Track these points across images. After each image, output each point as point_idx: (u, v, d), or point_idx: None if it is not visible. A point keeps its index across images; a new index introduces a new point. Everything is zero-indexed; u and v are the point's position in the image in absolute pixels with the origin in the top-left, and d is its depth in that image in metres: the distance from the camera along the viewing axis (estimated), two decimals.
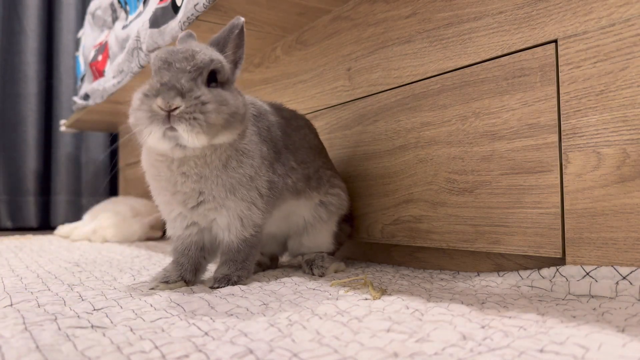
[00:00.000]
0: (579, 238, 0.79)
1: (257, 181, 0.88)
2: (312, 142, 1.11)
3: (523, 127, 0.86)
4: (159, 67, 0.78)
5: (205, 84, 0.79)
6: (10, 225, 2.90)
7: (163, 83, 0.74)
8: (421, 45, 1.05)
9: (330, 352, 0.50)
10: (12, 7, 2.92)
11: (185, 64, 0.77)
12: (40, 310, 0.71)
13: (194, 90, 0.75)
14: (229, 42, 0.88)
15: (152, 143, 0.77)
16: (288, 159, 0.99)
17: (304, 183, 1.03)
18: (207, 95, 0.76)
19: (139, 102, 0.76)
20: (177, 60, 0.77)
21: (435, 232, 1.02)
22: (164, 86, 0.74)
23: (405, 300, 0.73)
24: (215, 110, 0.76)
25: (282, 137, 0.99)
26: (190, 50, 0.79)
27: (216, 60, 0.80)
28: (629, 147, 0.73)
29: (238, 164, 0.86)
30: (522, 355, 0.48)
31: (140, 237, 2.09)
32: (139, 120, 0.76)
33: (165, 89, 0.74)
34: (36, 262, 1.30)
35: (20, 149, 2.92)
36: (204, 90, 0.77)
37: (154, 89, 0.75)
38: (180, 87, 0.74)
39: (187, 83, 0.75)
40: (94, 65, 2.18)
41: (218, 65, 0.81)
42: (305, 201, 1.05)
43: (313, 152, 1.08)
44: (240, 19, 0.89)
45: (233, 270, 0.91)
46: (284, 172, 0.96)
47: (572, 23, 0.79)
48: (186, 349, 0.51)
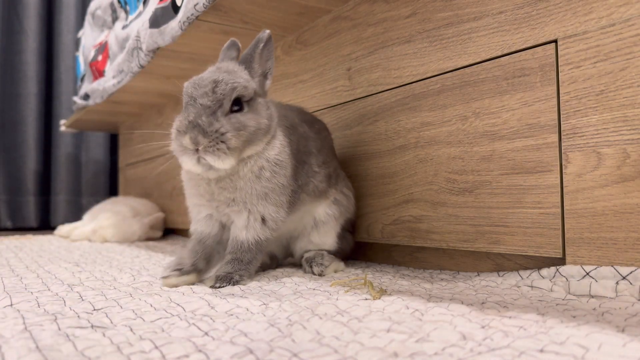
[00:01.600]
0: (579, 238, 0.79)
1: (287, 188, 0.96)
2: (330, 143, 1.18)
3: (523, 127, 0.86)
4: (187, 103, 0.88)
5: (226, 112, 0.87)
6: (10, 225, 2.90)
7: (189, 121, 0.84)
8: (421, 45, 1.05)
9: (330, 352, 0.50)
10: (12, 7, 2.92)
11: (207, 100, 0.86)
12: (40, 310, 0.71)
13: (213, 124, 0.84)
14: (255, 56, 0.95)
15: (188, 168, 0.89)
16: (311, 164, 1.05)
17: (326, 183, 1.09)
18: (226, 126, 0.85)
19: (174, 135, 0.88)
20: (199, 96, 0.86)
21: (436, 232, 1.02)
22: (190, 124, 0.84)
23: (405, 300, 0.73)
24: (234, 136, 0.85)
25: (307, 145, 1.06)
26: (213, 83, 0.87)
27: (238, 87, 0.88)
28: (629, 147, 0.73)
29: (272, 175, 0.93)
30: (522, 355, 0.48)
31: (140, 237, 2.09)
32: (175, 151, 0.88)
33: (190, 127, 0.84)
34: (36, 262, 1.30)
35: (20, 149, 2.92)
36: (223, 122, 0.85)
37: (183, 126, 0.85)
38: (202, 124, 0.84)
39: (207, 119, 0.84)
40: (93, 65, 2.18)
41: (240, 91, 0.88)
42: (323, 200, 1.10)
43: (331, 153, 1.16)
44: (266, 32, 0.96)
45: (237, 269, 0.93)
46: (305, 180, 1.03)
47: (572, 23, 0.79)
48: (186, 349, 0.51)
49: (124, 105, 2.34)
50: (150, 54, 1.59)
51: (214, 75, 0.88)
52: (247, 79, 0.91)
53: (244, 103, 0.89)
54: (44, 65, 3.01)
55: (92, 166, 3.12)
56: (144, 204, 2.27)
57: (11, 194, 2.91)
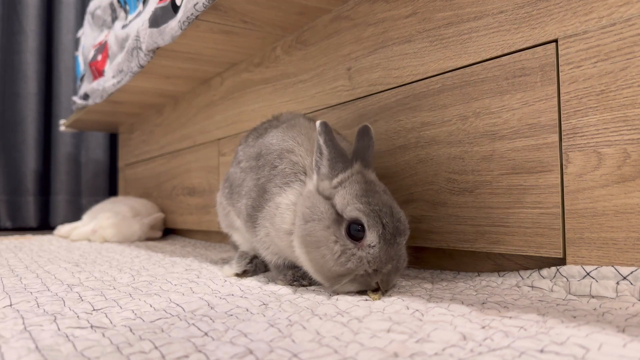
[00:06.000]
0: (579, 238, 0.78)
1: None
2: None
3: (523, 127, 0.86)
4: (383, 237, 0.77)
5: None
6: (9, 225, 2.90)
7: (393, 265, 0.77)
8: (421, 45, 1.05)
9: (330, 352, 0.50)
10: (11, 7, 2.92)
11: (403, 240, 0.80)
12: (39, 310, 0.71)
13: (404, 264, 0.80)
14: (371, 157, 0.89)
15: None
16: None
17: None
18: (406, 260, 0.82)
19: (365, 273, 0.77)
20: (399, 234, 0.79)
21: (436, 232, 1.02)
22: (393, 268, 0.77)
23: (405, 301, 0.73)
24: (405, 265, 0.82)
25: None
26: (406, 221, 0.81)
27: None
28: (630, 147, 0.72)
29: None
30: (523, 355, 0.48)
31: (140, 237, 2.09)
32: (350, 284, 0.79)
33: (389, 270, 0.77)
34: (36, 262, 1.30)
35: (20, 149, 2.92)
36: (405, 257, 0.82)
37: (385, 269, 0.77)
38: (400, 268, 0.79)
39: (403, 262, 0.80)
40: (93, 65, 2.18)
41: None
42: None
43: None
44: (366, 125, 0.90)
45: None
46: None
47: (573, 23, 0.79)
48: (186, 350, 0.51)
49: (123, 105, 2.34)
50: (150, 53, 1.59)
51: (399, 208, 0.82)
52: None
53: None
54: (44, 65, 3.01)
55: (92, 166, 3.12)
56: (143, 204, 2.27)
57: (11, 194, 2.91)
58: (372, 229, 0.76)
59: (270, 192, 0.91)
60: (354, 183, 0.81)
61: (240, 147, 1.15)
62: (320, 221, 0.79)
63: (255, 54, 1.64)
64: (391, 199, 0.82)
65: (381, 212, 0.77)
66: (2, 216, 2.88)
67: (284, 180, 0.90)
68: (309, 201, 0.83)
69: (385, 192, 0.83)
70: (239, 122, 1.72)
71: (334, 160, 0.83)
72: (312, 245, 0.79)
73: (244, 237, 1.13)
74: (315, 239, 0.79)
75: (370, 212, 0.76)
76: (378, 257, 0.75)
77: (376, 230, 0.76)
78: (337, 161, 0.83)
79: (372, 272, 0.75)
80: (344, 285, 0.78)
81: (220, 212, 1.21)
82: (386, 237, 0.76)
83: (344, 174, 0.83)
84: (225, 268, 1.08)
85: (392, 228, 0.76)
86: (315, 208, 0.81)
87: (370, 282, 0.76)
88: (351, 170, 0.83)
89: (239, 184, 1.05)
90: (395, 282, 0.80)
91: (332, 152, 0.83)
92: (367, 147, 0.88)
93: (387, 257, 0.76)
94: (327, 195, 0.82)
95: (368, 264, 0.75)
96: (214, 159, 1.87)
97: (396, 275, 0.79)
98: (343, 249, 0.76)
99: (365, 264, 0.75)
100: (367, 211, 0.76)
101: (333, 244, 0.77)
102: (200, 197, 1.97)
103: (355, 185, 0.80)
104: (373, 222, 0.76)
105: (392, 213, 0.78)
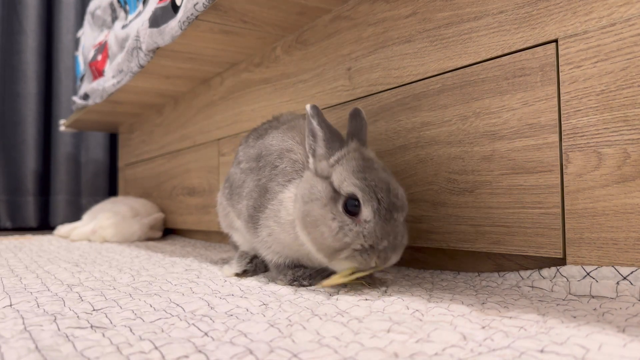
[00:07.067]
0: (579, 238, 0.78)
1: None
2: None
3: (523, 127, 0.86)
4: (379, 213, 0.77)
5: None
6: (9, 225, 2.90)
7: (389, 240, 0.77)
8: (421, 45, 1.05)
9: (331, 352, 0.50)
10: (11, 7, 2.92)
11: (401, 216, 0.79)
12: (39, 310, 0.71)
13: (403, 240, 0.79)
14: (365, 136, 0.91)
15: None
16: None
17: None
18: (406, 236, 0.81)
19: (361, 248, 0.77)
20: (397, 210, 0.78)
21: (436, 232, 1.02)
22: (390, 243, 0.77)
23: (405, 301, 0.73)
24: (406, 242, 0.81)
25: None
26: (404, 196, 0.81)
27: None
28: (630, 147, 0.72)
29: None
30: (523, 355, 0.48)
31: (139, 237, 2.09)
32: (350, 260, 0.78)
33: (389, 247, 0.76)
34: (35, 262, 1.30)
35: (20, 149, 2.92)
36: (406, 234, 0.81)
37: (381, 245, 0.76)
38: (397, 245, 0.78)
39: (401, 239, 0.79)
40: (93, 65, 2.18)
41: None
42: None
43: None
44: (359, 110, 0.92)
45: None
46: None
47: (573, 23, 0.79)
48: (186, 350, 0.51)
49: (123, 105, 2.34)
50: (150, 53, 1.59)
51: (398, 184, 0.82)
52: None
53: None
54: (44, 65, 3.01)
55: (92, 166, 3.12)
56: (143, 204, 2.27)
57: (10, 194, 2.91)
58: (367, 203, 0.76)
59: (272, 191, 0.92)
60: (351, 160, 0.82)
61: (241, 147, 1.16)
62: (318, 200, 0.80)
63: (255, 54, 1.64)
64: (389, 176, 0.82)
65: (377, 187, 0.77)
66: (2, 216, 2.88)
67: (285, 178, 0.91)
68: (307, 183, 0.84)
69: (384, 170, 0.83)
70: (239, 122, 1.72)
71: (329, 140, 0.84)
72: (312, 225, 0.80)
73: (244, 238, 1.13)
74: (314, 218, 0.79)
75: (366, 187, 0.77)
76: (373, 231, 0.76)
77: (371, 205, 0.76)
78: (332, 140, 0.84)
79: (369, 248, 0.76)
80: (342, 260, 0.78)
81: (220, 212, 1.21)
82: (381, 212, 0.76)
83: (341, 151, 0.84)
84: (225, 268, 1.08)
85: (387, 203, 0.77)
86: (313, 188, 0.82)
87: (368, 260, 0.76)
88: (347, 148, 0.85)
89: (239, 185, 1.06)
90: (394, 260, 0.78)
91: (327, 132, 0.84)
92: (361, 127, 0.90)
93: (382, 232, 0.76)
94: (326, 175, 0.83)
95: (364, 238, 0.76)
96: (214, 159, 1.87)
97: (395, 253, 0.78)
98: (340, 224, 0.77)
99: (361, 238, 0.76)
100: (362, 186, 0.77)
101: (331, 221, 0.78)
102: (200, 197, 1.97)
103: (352, 162, 0.81)
104: (368, 197, 0.76)
105: (389, 189, 0.78)
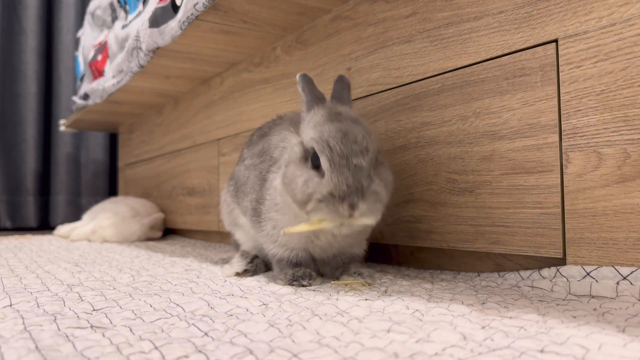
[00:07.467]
0: (579, 238, 0.78)
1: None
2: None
3: (523, 127, 0.86)
4: (333, 161, 0.77)
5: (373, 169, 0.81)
6: (9, 225, 2.90)
7: (348, 185, 0.75)
8: (421, 45, 1.05)
9: (331, 352, 0.50)
10: (12, 7, 2.92)
11: (361, 160, 0.78)
12: (39, 310, 0.71)
13: (371, 186, 0.78)
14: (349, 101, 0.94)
15: (327, 227, 0.81)
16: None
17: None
18: (380, 184, 0.80)
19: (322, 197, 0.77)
20: (353, 155, 0.77)
21: (436, 232, 1.02)
22: (348, 189, 0.75)
23: (405, 301, 0.73)
24: (386, 193, 0.82)
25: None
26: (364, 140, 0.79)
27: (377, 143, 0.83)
28: (630, 147, 0.72)
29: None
30: (523, 355, 0.48)
31: (139, 237, 2.09)
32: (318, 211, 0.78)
33: (349, 193, 0.75)
34: (35, 262, 1.30)
35: (20, 149, 2.92)
36: (377, 181, 0.80)
37: (340, 191, 0.75)
38: (363, 189, 0.76)
39: (365, 182, 0.77)
40: (93, 65, 2.18)
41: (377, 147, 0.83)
42: None
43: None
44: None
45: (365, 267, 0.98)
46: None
47: (573, 23, 0.79)
48: (186, 350, 0.51)
49: (123, 105, 2.34)
50: (150, 53, 1.59)
51: (359, 130, 0.80)
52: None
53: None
54: (44, 65, 3.01)
55: (92, 166, 3.12)
56: (143, 204, 2.27)
57: (10, 194, 2.91)
58: (322, 154, 0.78)
59: (269, 180, 0.94)
60: (316, 115, 0.84)
61: (245, 145, 1.17)
62: (293, 161, 0.83)
63: (255, 54, 1.64)
64: (355, 124, 0.81)
65: (330, 136, 0.78)
66: (2, 216, 2.88)
67: (278, 165, 0.93)
68: (291, 149, 0.86)
69: (353, 120, 0.82)
70: (239, 122, 1.72)
71: (310, 103, 0.88)
72: (288, 184, 0.82)
73: (248, 235, 1.13)
74: (290, 178, 0.82)
75: (319, 138, 0.78)
76: (329, 179, 0.76)
77: (325, 155, 0.78)
78: (312, 103, 0.88)
79: (329, 196, 0.76)
80: (312, 214, 0.78)
81: (224, 209, 1.22)
82: (334, 159, 0.77)
83: (314, 110, 0.87)
84: (225, 267, 1.08)
85: (340, 150, 0.77)
86: (292, 151, 0.85)
87: (333, 209, 0.76)
88: (321, 106, 0.87)
89: (243, 182, 1.07)
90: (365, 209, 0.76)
91: (309, 95, 0.89)
92: (342, 88, 0.94)
93: (339, 180, 0.75)
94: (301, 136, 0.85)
95: (322, 186, 0.77)
96: (214, 159, 1.87)
97: (363, 200, 0.76)
98: (306, 178, 0.79)
99: (320, 186, 0.77)
100: (316, 138, 0.79)
101: (299, 177, 0.80)
102: (200, 197, 1.97)
103: (316, 117, 0.84)
104: (321, 147, 0.78)
105: (345, 135, 0.78)
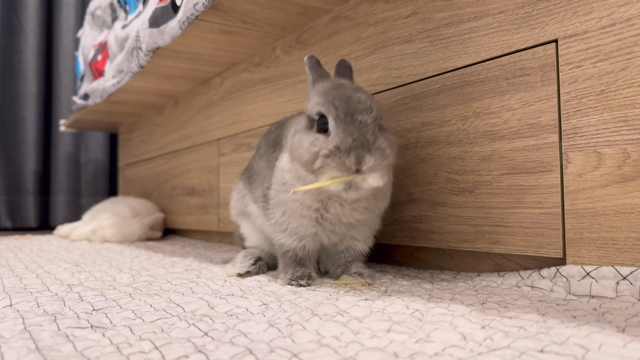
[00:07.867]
0: (579, 238, 0.78)
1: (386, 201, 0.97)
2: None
3: (523, 127, 0.86)
4: (339, 119, 0.80)
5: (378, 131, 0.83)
6: (9, 225, 2.90)
7: (354, 139, 0.78)
8: (421, 45, 1.05)
9: (331, 352, 0.50)
10: (11, 7, 2.92)
11: (367, 117, 0.81)
12: (39, 310, 0.71)
13: (376, 142, 0.80)
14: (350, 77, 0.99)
15: (334, 190, 0.82)
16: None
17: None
18: (385, 142, 0.82)
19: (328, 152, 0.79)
20: (359, 112, 0.81)
21: (436, 232, 1.02)
22: (354, 142, 0.78)
23: (405, 301, 0.73)
24: (392, 152, 0.83)
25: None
26: (370, 100, 0.83)
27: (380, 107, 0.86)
28: (630, 147, 0.72)
29: (384, 194, 0.94)
30: (523, 355, 0.47)
31: (139, 237, 2.09)
32: (325, 169, 0.80)
33: (355, 146, 0.78)
34: (35, 262, 1.30)
35: (20, 149, 2.92)
36: (382, 138, 0.82)
37: (346, 144, 0.78)
38: (368, 143, 0.79)
39: (371, 136, 0.80)
40: (93, 65, 2.18)
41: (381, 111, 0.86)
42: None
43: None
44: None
45: (366, 267, 0.98)
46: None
47: (573, 23, 0.79)
48: (186, 350, 0.51)
49: (123, 105, 2.34)
50: (150, 53, 1.59)
51: (363, 93, 0.84)
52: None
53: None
54: (44, 65, 3.01)
55: (92, 166, 3.12)
56: (143, 204, 2.27)
57: (10, 194, 2.91)
58: (328, 114, 0.81)
59: (276, 162, 0.96)
60: (321, 86, 0.89)
61: (263, 136, 1.19)
62: (300, 131, 0.86)
63: (255, 54, 1.64)
64: (358, 90, 0.85)
65: (335, 98, 0.82)
66: (2, 216, 2.88)
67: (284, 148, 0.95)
68: (296, 124, 0.90)
69: (355, 89, 0.85)
70: (239, 122, 1.72)
71: (315, 80, 0.92)
72: (295, 152, 0.84)
73: (254, 227, 1.15)
74: (296, 146, 0.84)
75: (325, 101, 0.82)
76: (335, 135, 0.79)
77: (331, 114, 0.81)
78: (318, 80, 0.92)
79: (335, 150, 0.78)
80: (321, 174, 0.80)
81: (234, 196, 1.23)
82: (340, 116, 0.80)
83: (318, 83, 0.91)
84: (227, 267, 1.08)
85: (345, 107, 0.80)
86: (298, 124, 0.88)
87: (340, 162, 0.78)
88: (326, 80, 0.92)
89: (257, 172, 1.09)
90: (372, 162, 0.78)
91: (314, 73, 0.93)
92: (345, 69, 0.99)
93: (345, 134, 0.79)
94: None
95: (328, 142, 0.79)
96: (214, 159, 1.87)
97: (369, 153, 0.78)
98: (312, 140, 0.82)
99: (327, 143, 0.79)
100: (322, 101, 0.83)
101: (306, 141, 0.83)
102: (200, 197, 1.97)
103: (320, 87, 0.88)
104: (327, 108, 0.81)
105: (350, 97, 0.82)
